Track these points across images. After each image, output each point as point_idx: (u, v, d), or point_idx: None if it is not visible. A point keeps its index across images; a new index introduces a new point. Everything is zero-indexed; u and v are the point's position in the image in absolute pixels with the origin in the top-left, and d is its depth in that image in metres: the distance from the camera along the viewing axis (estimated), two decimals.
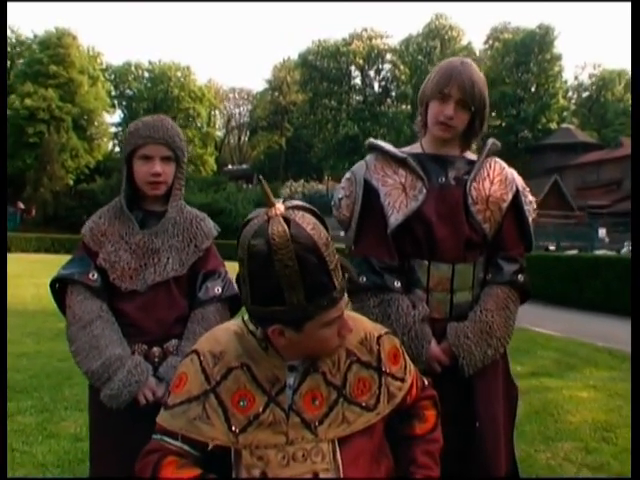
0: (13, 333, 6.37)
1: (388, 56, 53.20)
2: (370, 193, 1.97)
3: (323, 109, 53.29)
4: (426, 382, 1.64)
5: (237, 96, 65.63)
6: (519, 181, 2.06)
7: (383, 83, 54.13)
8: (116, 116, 56.26)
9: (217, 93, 59.98)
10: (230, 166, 60.41)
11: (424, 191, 1.92)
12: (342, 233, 2.05)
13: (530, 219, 2.05)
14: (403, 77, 51.84)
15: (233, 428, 1.37)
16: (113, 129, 54.36)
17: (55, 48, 44.86)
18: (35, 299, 10.13)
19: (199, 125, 55.24)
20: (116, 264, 1.96)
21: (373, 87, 54.77)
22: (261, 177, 1.43)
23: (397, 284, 1.91)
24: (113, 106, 54.27)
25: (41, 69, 44.34)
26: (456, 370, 1.88)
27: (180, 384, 1.43)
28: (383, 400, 1.48)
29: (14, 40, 48.57)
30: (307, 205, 1.36)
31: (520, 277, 1.98)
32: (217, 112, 62.24)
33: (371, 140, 2.09)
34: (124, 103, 55.57)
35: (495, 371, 1.95)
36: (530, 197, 2.09)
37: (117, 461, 1.81)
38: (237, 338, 1.45)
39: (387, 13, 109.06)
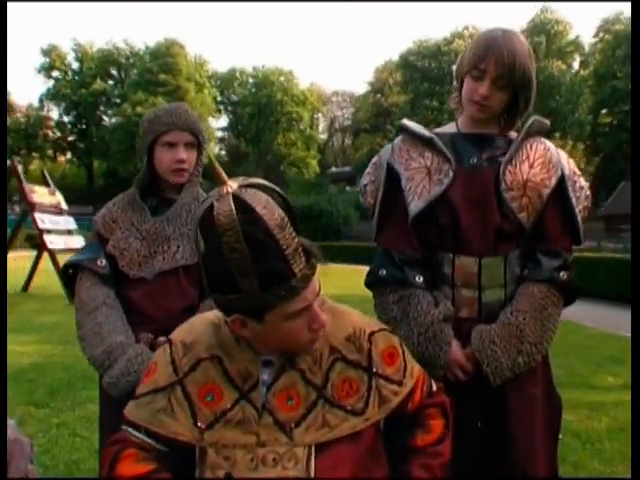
0: None
1: None
2: (393, 178, 1.79)
3: (424, 110, 52.36)
4: (434, 387, 1.45)
5: (340, 99, 65.98)
6: (568, 165, 1.79)
7: None
8: (222, 121, 58.14)
9: (320, 96, 60.54)
10: (333, 168, 60.97)
11: (450, 174, 1.70)
12: None
13: (579, 208, 1.77)
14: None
15: (199, 424, 1.26)
16: (219, 133, 56.21)
17: (164, 57, 46.98)
18: None
19: (302, 128, 55.96)
20: (125, 251, 1.93)
21: None
22: (211, 155, 1.31)
23: (419, 279, 1.71)
24: (219, 111, 56.04)
25: (151, 78, 46.55)
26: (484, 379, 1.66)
27: (149, 374, 1.35)
28: (373, 404, 1.31)
29: (128, 52, 51.29)
30: (267, 183, 1.21)
31: (562, 274, 1.71)
32: (320, 115, 62.84)
33: (402, 120, 1.88)
34: (229, 108, 57.21)
35: (533, 379, 1.71)
36: (582, 183, 1.81)
37: None
38: (213, 328, 1.33)
39: (489, 10, 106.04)
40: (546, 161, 1.75)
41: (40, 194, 9.89)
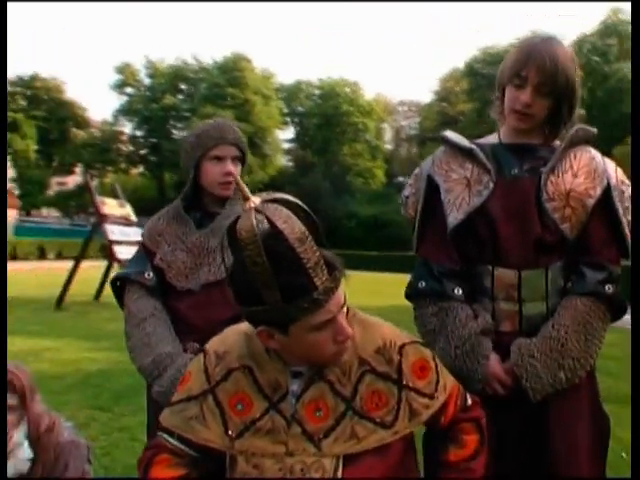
0: None
1: None
2: (433, 190, 1.78)
3: (491, 117, 51.53)
4: (469, 401, 1.43)
5: (406, 108, 65.67)
6: (615, 174, 1.73)
7: None
8: (288, 132, 58.81)
9: (385, 106, 60.46)
10: (400, 178, 60.67)
11: (490, 185, 1.68)
12: None
13: (626, 219, 1.70)
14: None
15: (229, 432, 1.29)
16: (286, 145, 56.92)
17: (232, 72, 48.02)
18: None
19: (368, 138, 56.00)
20: (172, 263, 1.99)
21: None
22: (235, 174, 1.35)
23: (458, 291, 1.70)
24: (285, 123, 56.74)
25: (219, 92, 47.66)
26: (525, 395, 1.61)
27: (184, 382, 1.39)
28: (403, 417, 1.30)
29: (197, 67, 52.67)
30: (290, 198, 1.24)
31: (608, 288, 1.65)
32: (386, 125, 62.72)
33: (445, 132, 1.87)
34: (295, 120, 57.83)
35: (577, 394, 1.66)
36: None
37: None
38: (245, 339, 1.37)
39: (557, 14, 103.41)
40: (591, 170, 1.70)
41: (110, 206, 10.28)
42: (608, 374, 6.02)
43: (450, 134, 1.83)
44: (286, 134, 58.61)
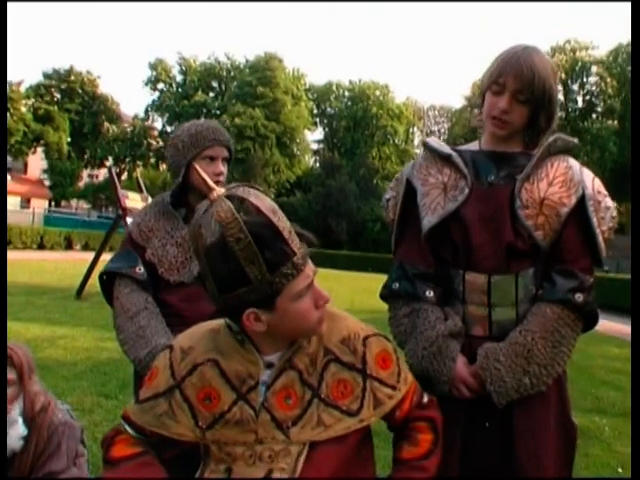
0: None
1: (594, 68, 49.38)
2: (411, 194, 1.82)
3: None
4: (425, 399, 1.47)
5: (436, 113, 65.31)
6: (592, 184, 1.74)
7: (587, 97, 50.40)
8: (317, 133, 58.96)
9: (415, 110, 60.21)
10: None
11: (466, 191, 1.71)
12: None
13: (602, 229, 1.71)
14: (610, 90, 47.87)
15: (200, 424, 1.35)
16: (314, 146, 57.04)
17: (263, 71, 48.28)
18: None
19: (397, 142, 55.84)
20: (164, 258, 2.06)
21: (576, 102, 51.23)
22: (196, 165, 1.42)
23: (429, 293, 1.73)
24: (314, 124, 56.86)
25: (250, 91, 47.94)
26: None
27: (151, 378, 1.43)
28: (368, 405, 1.35)
29: (229, 65, 53.09)
30: (250, 184, 1.31)
31: (578, 296, 1.66)
32: (415, 129, 62.49)
33: (425, 139, 1.93)
34: (325, 121, 57.89)
35: (543, 403, 1.67)
36: (608, 203, 1.75)
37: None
38: (210, 334, 1.42)
39: (593, 22, 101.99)
40: (567, 179, 1.72)
41: (132, 199, 10.44)
42: (617, 388, 5.99)
43: (431, 140, 1.87)
44: (315, 135, 58.82)
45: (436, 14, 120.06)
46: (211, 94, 53.48)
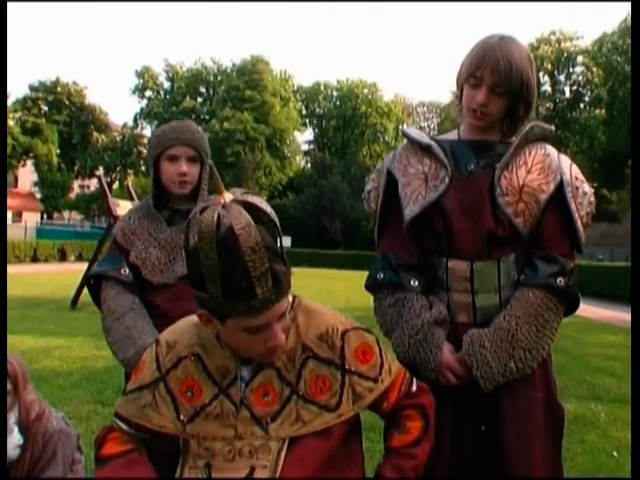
0: None
1: (579, 59, 49.68)
2: (392, 184, 1.83)
3: None
4: (414, 388, 1.49)
5: (425, 109, 65.45)
6: (570, 170, 1.76)
7: (574, 88, 50.66)
8: (307, 134, 59.05)
9: (404, 107, 60.35)
10: None
11: (446, 181, 1.73)
12: None
13: (580, 214, 1.74)
14: (597, 80, 48.08)
15: (181, 417, 1.37)
16: (305, 147, 57.12)
17: (250, 74, 48.37)
18: None
19: (387, 140, 56.01)
20: (147, 260, 2.09)
21: (564, 92, 51.45)
22: (211, 164, 1.42)
23: (414, 283, 1.75)
24: (304, 125, 56.94)
25: (238, 94, 48.02)
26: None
27: (138, 372, 1.46)
28: (347, 400, 1.37)
29: (216, 70, 53.09)
30: (260, 204, 1.29)
31: (560, 280, 1.69)
32: (405, 126, 62.69)
33: (404, 128, 1.95)
34: (314, 121, 58.02)
35: (529, 387, 1.69)
36: (586, 189, 1.77)
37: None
38: (195, 328, 1.44)
39: (577, 13, 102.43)
40: (545, 166, 1.74)
41: (123, 208, 10.42)
42: (612, 375, 6.03)
43: (410, 130, 1.89)
44: (305, 136, 58.86)
45: (421, 10, 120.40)
46: (199, 99, 53.53)
